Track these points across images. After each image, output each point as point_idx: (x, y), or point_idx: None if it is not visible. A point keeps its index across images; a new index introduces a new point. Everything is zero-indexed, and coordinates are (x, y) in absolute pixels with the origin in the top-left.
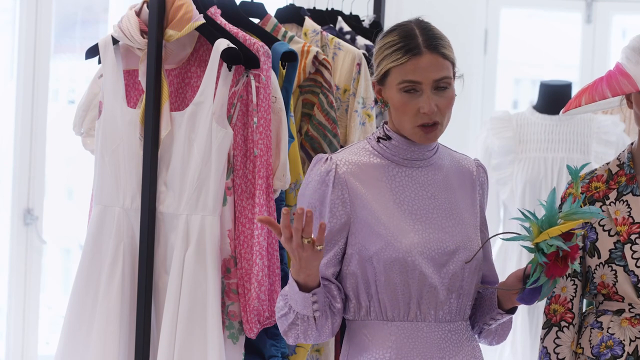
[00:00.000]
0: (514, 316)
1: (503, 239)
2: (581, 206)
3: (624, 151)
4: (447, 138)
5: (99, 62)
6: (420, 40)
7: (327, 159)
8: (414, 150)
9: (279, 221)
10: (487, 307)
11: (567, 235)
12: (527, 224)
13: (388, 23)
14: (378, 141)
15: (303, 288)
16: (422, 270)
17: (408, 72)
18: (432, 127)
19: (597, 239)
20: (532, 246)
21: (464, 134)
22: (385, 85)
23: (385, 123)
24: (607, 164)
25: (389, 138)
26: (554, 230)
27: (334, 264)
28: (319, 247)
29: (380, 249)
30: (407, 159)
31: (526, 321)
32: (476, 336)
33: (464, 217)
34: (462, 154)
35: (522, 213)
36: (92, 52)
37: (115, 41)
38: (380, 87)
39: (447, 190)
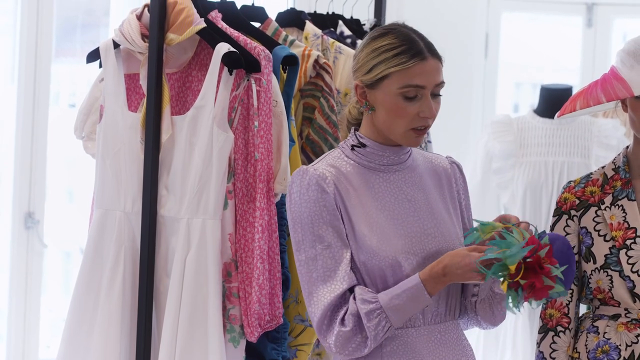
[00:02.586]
0: (514, 321)
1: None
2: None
3: (619, 155)
4: (448, 142)
5: (100, 66)
6: (422, 45)
7: (309, 170)
8: (389, 155)
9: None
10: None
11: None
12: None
13: None
14: (352, 149)
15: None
16: (409, 275)
17: (413, 77)
18: (424, 130)
19: (592, 244)
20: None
21: (464, 138)
22: (378, 89)
23: (356, 130)
24: (603, 167)
25: (363, 145)
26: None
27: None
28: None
29: (367, 259)
30: (383, 164)
31: (527, 325)
32: (479, 318)
33: (443, 216)
34: (434, 153)
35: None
36: (93, 56)
37: (116, 45)
38: (369, 90)
39: (423, 191)
